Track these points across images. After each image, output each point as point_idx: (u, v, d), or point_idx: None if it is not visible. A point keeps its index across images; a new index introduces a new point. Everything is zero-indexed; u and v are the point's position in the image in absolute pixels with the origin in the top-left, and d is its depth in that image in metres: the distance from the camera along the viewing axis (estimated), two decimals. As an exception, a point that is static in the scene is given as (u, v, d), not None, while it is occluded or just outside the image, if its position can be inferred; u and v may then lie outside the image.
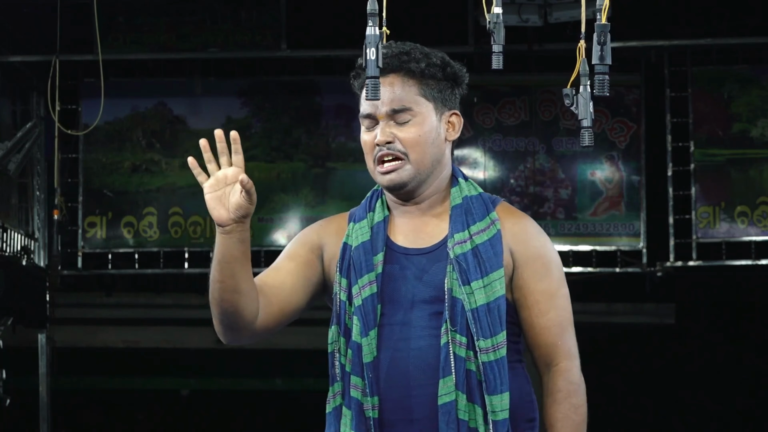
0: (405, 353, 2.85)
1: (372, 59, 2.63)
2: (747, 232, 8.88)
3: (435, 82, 2.94)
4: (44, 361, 8.93)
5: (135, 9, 8.98)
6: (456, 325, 2.84)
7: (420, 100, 2.92)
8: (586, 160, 9.16)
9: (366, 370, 2.84)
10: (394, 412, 2.84)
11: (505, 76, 9.06)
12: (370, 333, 2.85)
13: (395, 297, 2.89)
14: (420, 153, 2.92)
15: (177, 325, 11.12)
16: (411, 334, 2.86)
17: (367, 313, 2.86)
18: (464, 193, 2.99)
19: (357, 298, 2.88)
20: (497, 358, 2.84)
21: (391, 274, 2.90)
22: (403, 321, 2.87)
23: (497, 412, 2.83)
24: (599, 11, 2.63)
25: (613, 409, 12.76)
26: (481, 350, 2.83)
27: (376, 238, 2.93)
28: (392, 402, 2.84)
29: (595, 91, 2.65)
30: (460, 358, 2.83)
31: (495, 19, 2.66)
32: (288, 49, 8.94)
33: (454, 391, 2.82)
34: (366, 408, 2.84)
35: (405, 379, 2.84)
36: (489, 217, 2.95)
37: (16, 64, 9.01)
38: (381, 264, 2.90)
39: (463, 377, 2.82)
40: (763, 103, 8.98)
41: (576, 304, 3.01)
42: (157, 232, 9.22)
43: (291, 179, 9.21)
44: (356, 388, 2.85)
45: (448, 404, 2.81)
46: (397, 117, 2.91)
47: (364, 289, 2.88)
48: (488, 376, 2.83)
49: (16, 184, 9.16)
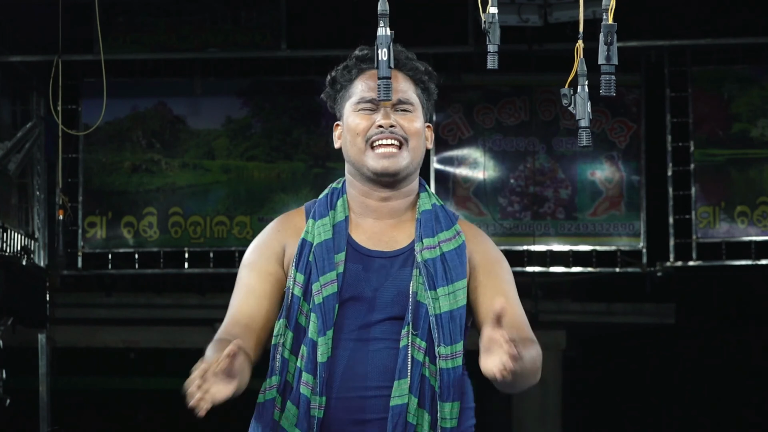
0: (363, 354, 2.85)
1: (384, 60, 2.64)
2: (747, 232, 8.88)
3: (425, 89, 2.97)
4: (44, 361, 8.93)
5: (135, 9, 8.98)
6: (418, 330, 2.84)
7: (416, 99, 2.94)
8: (586, 160, 9.16)
9: (319, 369, 2.83)
10: (345, 411, 2.83)
11: (505, 76, 9.06)
12: (327, 332, 2.84)
13: (356, 297, 2.87)
14: (417, 143, 2.92)
15: (177, 325, 11.13)
16: (371, 336, 2.86)
17: (326, 312, 2.85)
18: (432, 201, 2.99)
19: (317, 296, 2.85)
20: (454, 366, 2.85)
21: (352, 274, 2.88)
22: (363, 323, 2.86)
23: (447, 419, 2.84)
24: (605, 11, 2.62)
25: (613, 408, 12.76)
26: (441, 356, 2.83)
27: (338, 236, 2.91)
28: (345, 401, 2.83)
29: (602, 91, 2.65)
30: (418, 363, 2.83)
31: (490, 19, 2.66)
32: (288, 49, 8.94)
33: (407, 394, 2.82)
34: (313, 407, 2.83)
35: (362, 380, 2.84)
36: (454, 228, 2.95)
37: (16, 64, 9.01)
38: (342, 263, 2.88)
39: (417, 382, 2.82)
40: (763, 103, 8.98)
41: (576, 304, 3.02)
42: (157, 232, 9.23)
43: (291, 179, 9.22)
44: (306, 386, 2.83)
45: (400, 406, 2.81)
46: (399, 107, 2.91)
47: (325, 287, 2.86)
48: (443, 382, 2.83)
49: (16, 184, 9.15)
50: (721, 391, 12.37)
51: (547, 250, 9.15)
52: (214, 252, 9.18)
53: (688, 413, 12.44)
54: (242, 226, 9.17)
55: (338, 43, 8.42)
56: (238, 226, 9.18)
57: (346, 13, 8.60)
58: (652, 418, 12.65)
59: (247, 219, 9.17)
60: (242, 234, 9.14)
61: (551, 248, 9.15)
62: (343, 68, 2.98)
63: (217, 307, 10.69)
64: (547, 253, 9.17)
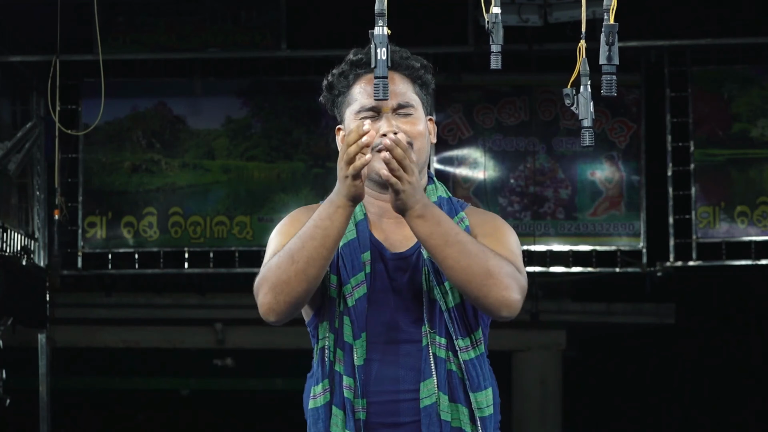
0: (394, 356, 2.85)
1: (382, 59, 2.63)
2: (747, 232, 8.88)
3: (423, 84, 2.96)
4: (44, 361, 8.93)
5: (135, 9, 8.98)
6: (435, 327, 2.85)
7: (415, 98, 2.94)
8: (586, 160, 9.16)
9: (358, 372, 2.83)
10: (381, 415, 2.84)
11: (505, 76, 9.06)
12: (362, 335, 2.85)
13: (381, 298, 2.88)
14: (421, 144, 2.91)
15: (177, 325, 11.13)
16: (399, 337, 2.86)
17: (359, 315, 2.85)
18: (439, 194, 3.00)
19: (350, 299, 2.85)
20: (477, 355, 2.86)
21: (378, 274, 2.89)
22: (390, 324, 2.87)
23: (483, 408, 2.84)
24: (606, 11, 2.62)
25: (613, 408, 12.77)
26: (461, 349, 2.84)
27: (362, 236, 2.91)
28: (380, 405, 2.84)
29: (603, 92, 2.64)
30: (441, 360, 2.83)
31: (493, 19, 2.66)
32: (288, 49, 8.94)
33: (435, 393, 2.82)
34: (356, 410, 2.83)
35: (394, 382, 2.84)
36: (458, 216, 2.96)
37: (16, 64, 9.01)
38: (369, 263, 2.88)
39: (444, 378, 2.83)
40: (763, 103, 8.98)
41: (576, 304, 3.02)
42: (157, 232, 9.22)
43: (291, 179, 9.22)
44: (349, 389, 2.83)
45: (430, 407, 2.82)
46: (400, 111, 2.90)
47: (356, 289, 2.86)
48: (470, 373, 2.84)
49: (16, 184, 9.15)
50: (721, 391, 12.37)
51: (547, 250, 9.16)
52: (214, 252, 9.18)
53: (688, 413, 12.44)
54: (242, 226, 9.17)
55: (338, 43, 8.40)
56: (238, 226, 9.18)
57: (346, 13, 8.59)
58: (652, 418, 12.65)
59: (247, 219, 9.17)
60: (242, 234, 9.14)
61: (551, 248, 9.15)
62: (340, 74, 2.97)
63: (217, 307, 10.75)
64: (547, 253, 9.17)
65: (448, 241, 2.73)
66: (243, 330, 10.89)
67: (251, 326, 10.50)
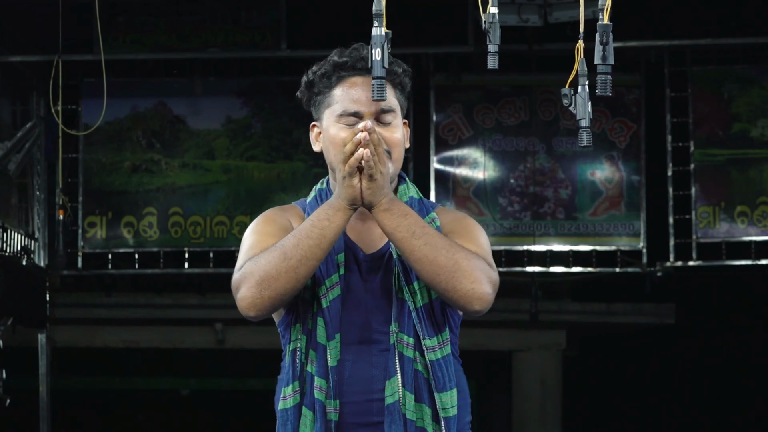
0: (367, 356, 2.86)
1: (378, 60, 2.64)
2: (747, 232, 8.88)
3: (402, 89, 2.98)
4: (44, 361, 8.93)
5: (135, 9, 8.98)
6: (403, 327, 2.86)
7: (396, 103, 2.95)
8: (586, 160, 9.16)
9: (331, 372, 2.84)
10: (357, 415, 2.85)
11: (505, 76, 9.06)
12: (335, 336, 2.85)
13: (355, 299, 2.88)
14: (399, 153, 2.93)
15: (177, 325, 11.13)
16: (372, 338, 2.87)
17: (333, 316, 2.85)
18: (410, 194, 3.00)
19: (324, 300, 2.86)
20: (443, 356, 2.87)
21: (351, 275, 2.90)
22: (363, 324, 2.87)
23: (447, 409, 2.85)
24: (601, 11, 2.62)
25: (613, 408, 12.76)
26: (428, 349, 2.84)
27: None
28: (354, 405, 2.85)
29: (598, 91, 2.65)
30: (408, 359, 2.84)
31: (490, 19, 2.66)
32: (288, 49, 8.95)
33: (398, 391, 2.82)
34: (329, 411, 2.84)
35: (368, 383, 2.85)
36: (429, 216, 2.96)
37: (16, 64, 9.01)
38: (343, 264, 2.89)
39: (411, 377, 2.84)
40: (763, 103, 8.98)
41: (576, 304, 3.02)
42: (157, 232, 9.23)
43: (291, 179, 9.22)
44: (320, 390, 2.84)
45: (392, 405, 2.83)
46: (382, 117, 2.91)
47: (331, 290, 2.87)
48: (436, 374, 2.84)
49: (16, 184, 9.15)
50: (721, 391, 12.37)
51: (547, 250, 9.16)
52: (214, 252, 9.18)
53: (688, 413, 12.44)
54: (242, 226, 9.16)
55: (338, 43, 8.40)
56: (238, 226, 9.18)
57: (346, 13, 8.59)
58: (652, 418, 12.65)
59: (247, 219, 9.17)
60: (242, 234, 9.13)
61: (551, 248, 9.15)
62: (322, 74, 2.98)
63: (217, 307, 10.75)
64: (547, 253, 9.17)
65: (414, 233, 2.75)
66: (243, 330, 10.89)
67: (251, 326, 10.49)
